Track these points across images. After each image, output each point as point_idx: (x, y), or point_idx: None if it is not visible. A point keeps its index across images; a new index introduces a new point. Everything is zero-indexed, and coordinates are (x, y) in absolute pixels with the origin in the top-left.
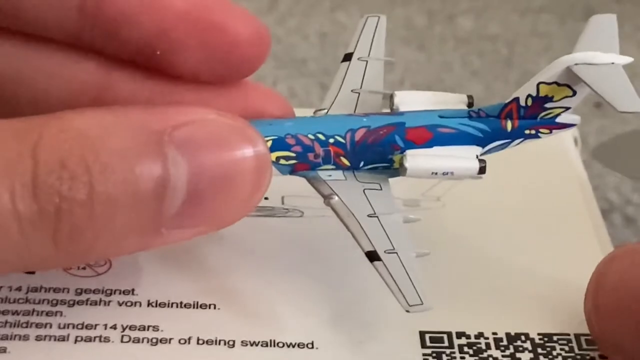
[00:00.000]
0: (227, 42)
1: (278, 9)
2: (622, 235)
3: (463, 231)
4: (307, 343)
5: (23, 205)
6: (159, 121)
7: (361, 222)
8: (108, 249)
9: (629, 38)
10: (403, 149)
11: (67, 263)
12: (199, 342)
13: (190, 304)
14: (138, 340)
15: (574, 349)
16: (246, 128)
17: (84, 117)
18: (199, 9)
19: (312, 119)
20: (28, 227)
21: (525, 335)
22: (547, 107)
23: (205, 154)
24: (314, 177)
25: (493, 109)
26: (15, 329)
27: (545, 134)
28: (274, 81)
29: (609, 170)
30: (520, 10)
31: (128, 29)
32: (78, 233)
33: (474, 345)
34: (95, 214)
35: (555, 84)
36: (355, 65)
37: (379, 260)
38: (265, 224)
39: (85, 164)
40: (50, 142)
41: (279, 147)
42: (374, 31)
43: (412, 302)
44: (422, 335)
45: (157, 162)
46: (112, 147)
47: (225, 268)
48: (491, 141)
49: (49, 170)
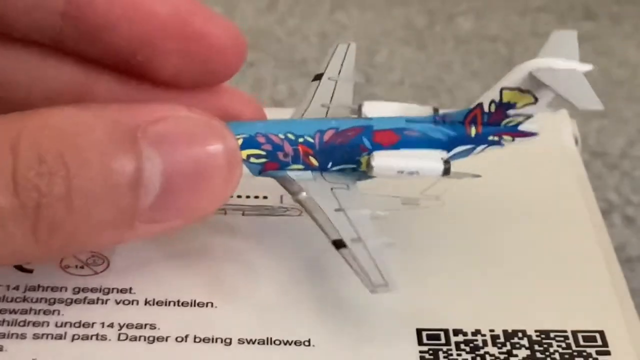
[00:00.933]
0: (206, 49)
1: (278, 9)
2: (622, 235)
3: (462, 229)
4: (303, 340)
5: (4, 200)
6: (134, 117)
7: (328, 215)
8: (85, 242)
9: (629, 38)
10: (370, 150)
11: (46, 256)
12: (196, 340)
13: (188, 302)
14: (135, 338)
15: (571, 345)
16: (217, 124)
17: (61, 114)
18: (180, 18)
19: (283, 121)
20: (9, 221)
21: (522, 332)
22: (510, 114)
23: (178, 149)
24: (283, 177)
25: (458, 114)
26: (13, 327)
27: (508, 141)
28: (274, 81)
29: (609, 170)
30: (520, 10)
31: (110, 35)
32: (57, 227)
33: (471, 342)
34: (73, 208)
35: (518, 90)
36: (325, 84)
37: (344, 247)
38: (264, 222)
39: (63, 159)
40: (29, 138)
41: (250, 145)
42: (344, 56)
43: (377, 283)
44: (419, 333)
45: (132, 157)
46: (89, 142)
47: (223, 266)
48: (455, 146)
49: (28, 166)
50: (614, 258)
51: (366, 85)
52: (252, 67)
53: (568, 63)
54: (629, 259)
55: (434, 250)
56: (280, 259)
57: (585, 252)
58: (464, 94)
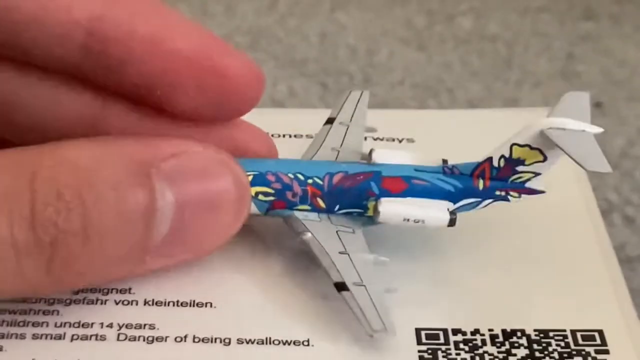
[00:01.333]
0: (225, 86)
1: (278, 9)
2: (622, 235)
3: (459, 229)
4: (302, 340)
5: (21, 235)
6: (148, 153)
7: (332, 257)
8: (96, 277)
9: (629, 38)
10: (378, 195)
11: (57, 290)
12: (195, 340)
13: (187, 302)
14: (134, 338)
15: (570, 344)
16: (229, 161)
17: (77, 149)
18: (202, 54)
19: (294, 161)
20: (23, 255)
21: (521, 332)
22: (519, 170)
23: (190, 185)
24: (289, 216)
25: (466, 167)
26: (12, 327)
27: (515, 197)
28: (274, 81)
29: None
30: (520, 10)
31: (129, 69)
32: (71, 262)
33: (470, 342)
34: (87, 243)
35: (527, 147)
36: (337, 128)
37: (347, 290)
38: (262, 222)
39: (80, 195)
40: (47, 173)
41: (259, 182)
42: (356, 102)
43: (376, 328)
44: (418, 332)
45: (146, 194)
46: (105, 178)
47: (221, 267)
48: (462, 198)
49: (46, 202)
50: (613, 258)
51: (366, 85)
52: None
53: (579, 124)
54: (628, 258)
55: (432, 251)
56: (279, 260)
57: (584, 251)
58: (464, 94)
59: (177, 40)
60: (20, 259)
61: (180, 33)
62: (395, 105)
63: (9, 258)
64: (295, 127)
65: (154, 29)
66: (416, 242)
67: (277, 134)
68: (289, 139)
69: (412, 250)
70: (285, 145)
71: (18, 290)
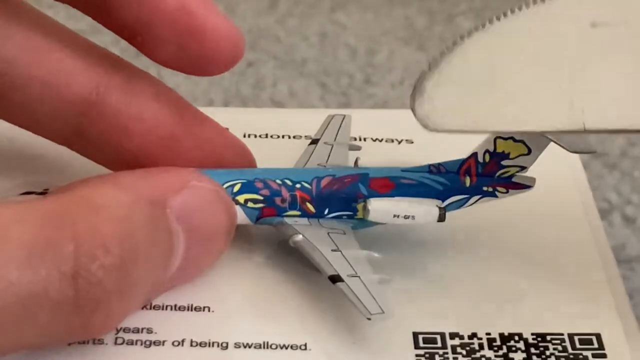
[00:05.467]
0: (204, 45)
1: (278, 9)
2: (621, 235)
3: (456, 232)
4: (300, 345)
5: (58, 293)
6: (160, 191)
7: (325, 254)
8: (120, 322)
9: None
10: (366, 196)
11: (82, 338)
12: (193, 344)
13: (185, 306)
14: (132, 342)
15: (567, 348)
16: (221, 191)
17: (103, 196)
18: (184, 12)
19: (281, 169)
20: (59, 313)
21: (519, 336)
22: (504, 164)
23: (195, 220)
24: (280, 223)
25: (452, 164)
26: None
27: (502, 192)
28: (274, 81)
29: (609, 170)
30: None
31: (114, 12)
32: (110, 317)
33: (467, 346)
34: (125, 299)
35: (511, 140)
36: (322, 147)
37: (341, 281)
38: (260, 226)
39: (122, 247)
40: (86, 226)
41: (248, 190)
42: (339, 126)
43: (374, 311)
44: (415, 336)
45: (168, 237)
46: (135, 228)
47: (219, 270)
48: (450, 195)
49: (92, 256)
50: (611, 260)
51: (366, 85)
52: (252, 67)
53: None
54: (628, 258)
55: (430, 253)
56: (277, 264)
57: (582, 254)
58: None
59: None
60: (54, 315)
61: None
62: (395, 105)
63: (40, 314)
64: (295, 128)
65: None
66: (412, 245)
67: (277, 135)
68: (288, 140)
69: (409, 254)
70: (285, 146)
71: (47, 343)
